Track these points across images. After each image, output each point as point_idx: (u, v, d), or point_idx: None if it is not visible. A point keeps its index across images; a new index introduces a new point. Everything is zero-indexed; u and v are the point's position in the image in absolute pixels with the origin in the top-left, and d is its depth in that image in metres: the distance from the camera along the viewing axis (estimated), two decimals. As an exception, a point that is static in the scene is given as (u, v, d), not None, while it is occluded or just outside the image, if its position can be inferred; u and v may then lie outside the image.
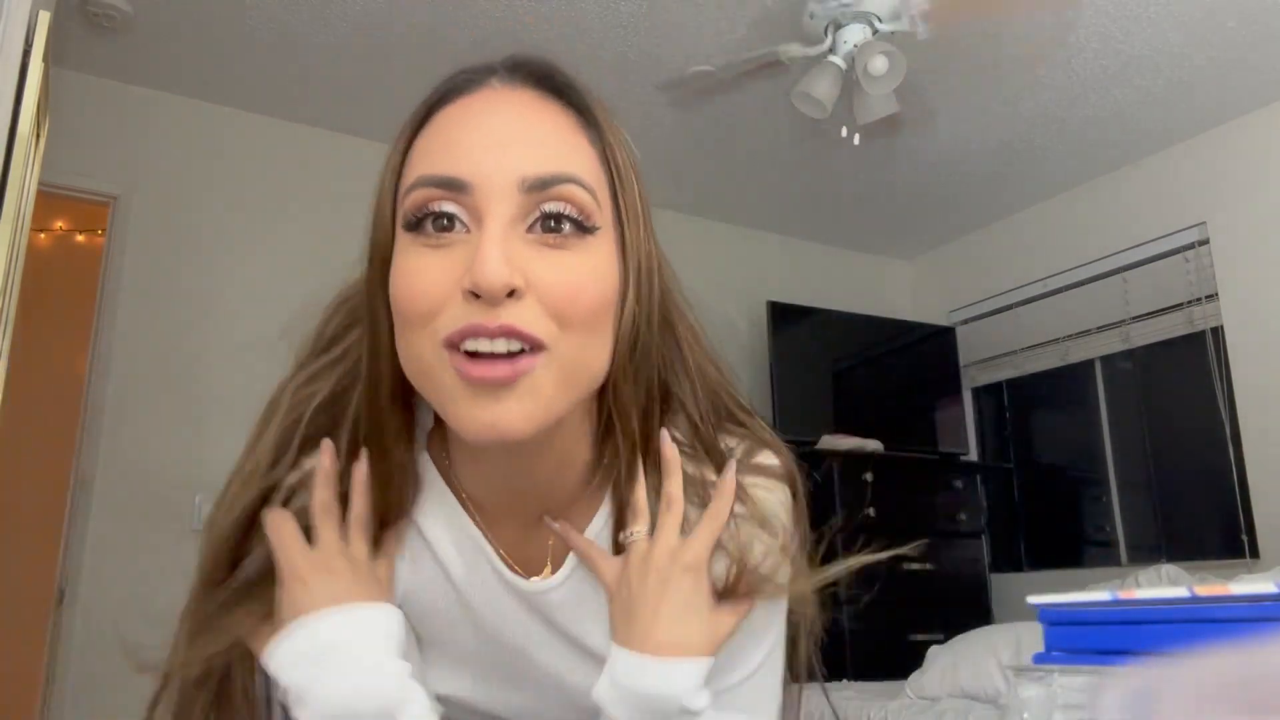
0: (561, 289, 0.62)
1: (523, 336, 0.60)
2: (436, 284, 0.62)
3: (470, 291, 0.60)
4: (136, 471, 3.23)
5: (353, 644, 0.67)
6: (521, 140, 0.64)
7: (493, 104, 0.66)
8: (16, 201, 1.83)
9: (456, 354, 0.60)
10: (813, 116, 2.98)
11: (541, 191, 0.62)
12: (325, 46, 3.25)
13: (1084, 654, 0.84)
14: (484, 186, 0.62)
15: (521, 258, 0.61)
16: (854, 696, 2.59)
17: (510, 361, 0.60)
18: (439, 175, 0.63)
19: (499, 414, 0.60)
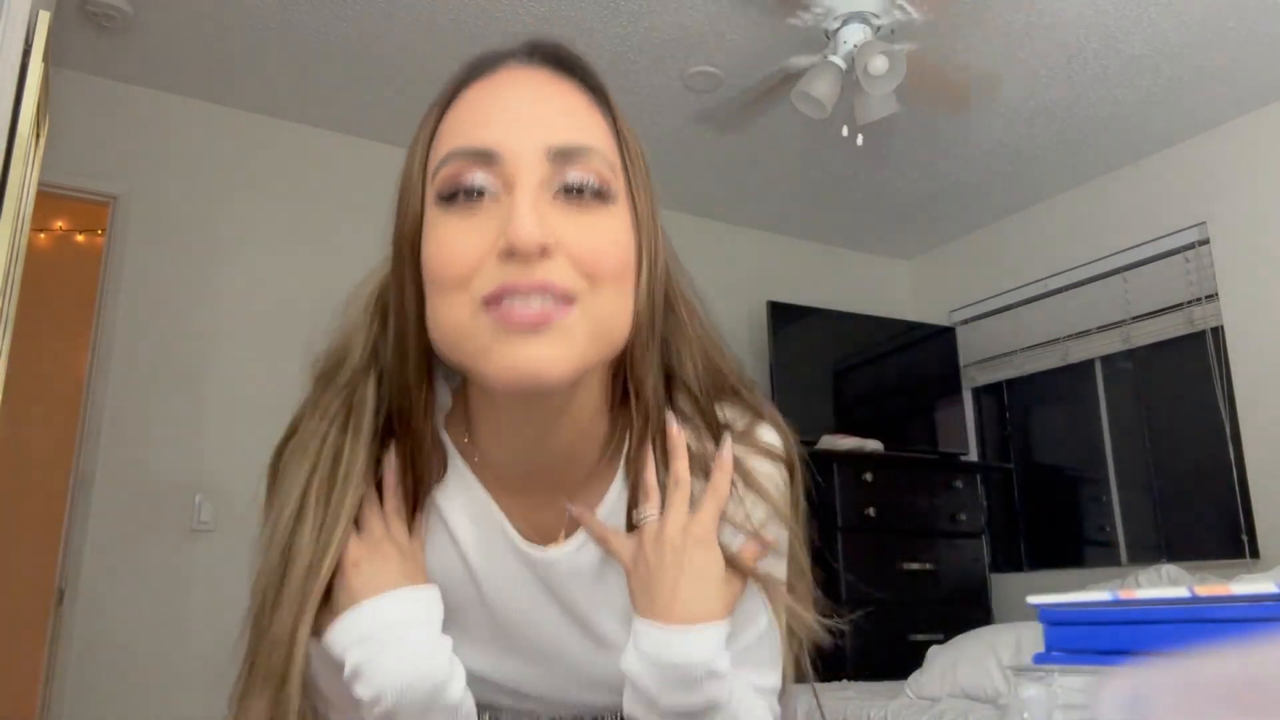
0: (589, 247, 0.65)
1: (556, 290, 0.63)
2: (473, 247, 0.64)
3: (506, 252, 0.63)
4: (136, 471, 3.23)
5: (406, 624, 0.71)
6: (544, 114, 0.68)
7: (515, 81, 0.70)
8: (16, 201, 1.83)
9: (496, 309, 0.63)
10: (813, 116, 2.98)
11: (565, 161, 0.66)
12: (326, 47, 3.25)
13: (1084, 654, 0.84)
14: (513, 156, 0.65)
15: (550, 220, 0.64)
16: (854, 696, 2.59)
17: (543, 312, 0.63)
18: (471, 147, 0.66)
19: (535, 357, 0.63)
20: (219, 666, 3.03)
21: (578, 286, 0.65)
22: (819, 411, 4.30)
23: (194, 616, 3.22)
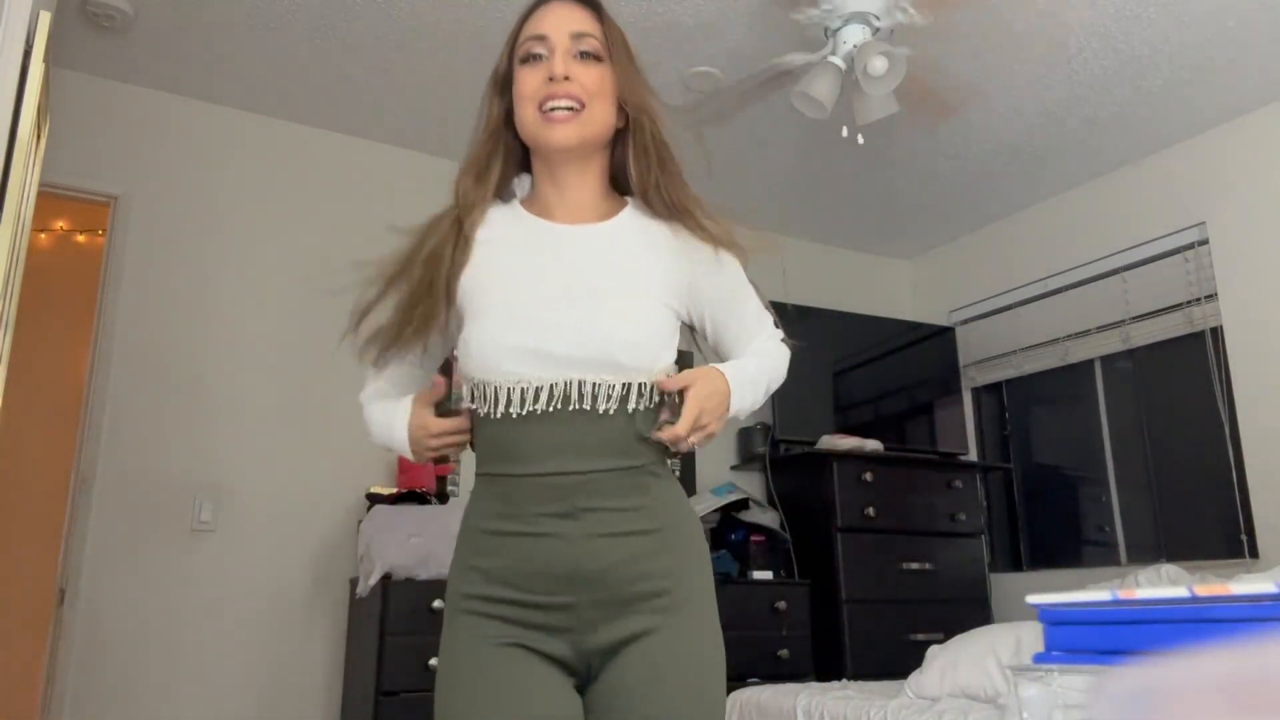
0: (588, 78, 1.31)
1: (573, 96, 1.29)
2: (537, 79, 1.30)
3: (550, 78, 1.29)
4: (137, 471, 3.23)
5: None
6: (568, 19, 1.33)
7: (558, 6, 1.34)
8: (17, 202, 1.83)
9: (543, 113, 1.29)
10: (813, 117, 2.98)
11: (577, 41, 1.32)
12: (326, 47, 3.25)
13: (1084, 654, 0.84)
14: (553, 36, 1.31)
15: (570, 66, 1.30)
16: (854, 696, 2.59)
17: (568, 113, 1.29)
18: (538, 34, 1.32)
19: (562, 132, 1.29)
20: (219, 666, 3.07)
21: (584, 96, 1.29)
22: (819, 411, 4.31)
23: (194, 616, 3.22)
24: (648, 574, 1.19)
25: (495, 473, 1.23)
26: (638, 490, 1.21)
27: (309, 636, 3.37)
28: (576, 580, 1.17)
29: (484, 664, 1.17)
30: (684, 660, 1.18)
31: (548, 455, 1.19)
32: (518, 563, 1.19)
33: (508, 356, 1.21)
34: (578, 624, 1.18)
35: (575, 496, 1.18)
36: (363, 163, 3.85)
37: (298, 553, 3.41)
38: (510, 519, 1.20)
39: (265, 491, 3.39)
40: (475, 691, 1.17)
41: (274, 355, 3.52)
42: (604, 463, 1.19)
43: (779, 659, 3.57)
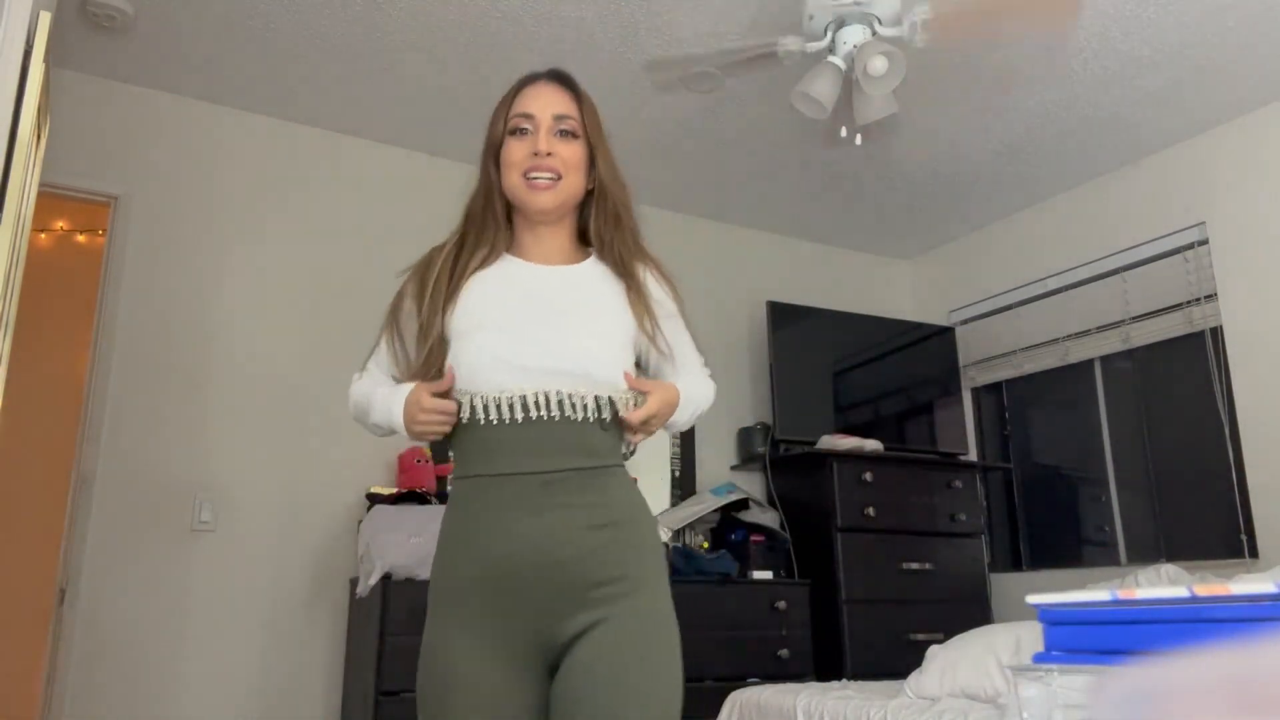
0: (567, 153, 1.53)
1: (553, 169, 1.51)
2: (524, 151, 1.52)
3: (534, 153, 1.51)
4: (137, 471, 3.23)
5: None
6: (552, 101, 1.55)
7: (543, 87, 1.57)
8: (17, 202, 1.83)
9: (527, 180, 1.51)
10: (812, 117, 2.98)
11: (559, 120, 1.54)
12: (325, 46, 3.25)
13: (1083, 653, 0.85)
14: (539, 116, 1.53)
15: (552, 143, 1.52)
16: (853, 696, 2.59)
17: (548, 182, 1.51)
18: (526, 112, 1.54)
19: (541, 199, 1.51)
20: (219, 665, 3.08)
21: (561, 169, 1.51)
22: (819, 411, 4.31)
23: (194, 615, 3.22)
24: (605, 563, 1.36)
25: (476, 474, 1.41)
26: (597, 488, 1.40)
27: (309, 636, 3.37)
28: (544, 568, 1.34)
29: (463, 650, 1.36)
30: (638, 644, 1.34)
31: (523, 456, 1.39)
32: (494, 554, 1.36)
33: (491, 369, 1.42)
34: (547, 612, 1.34)
35: (546, 493, 1.37)
36: (363, 163, 3.85)
37: (298, 553, 3.41)
38: (488, 514, 1.38)
39: (265, 491, 3.39)
40: (453, 676, 1.35)
41: (274, 355, 3.52)
42: (571, 462, 1.39)
43: (779, 659, 3.57)
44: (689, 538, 3.96)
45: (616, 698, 1.30)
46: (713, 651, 3.45)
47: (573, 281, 1.53)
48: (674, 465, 4.21)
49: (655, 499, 3.96)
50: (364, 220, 3.79)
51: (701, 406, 1.64)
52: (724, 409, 4.42)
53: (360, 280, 3.63)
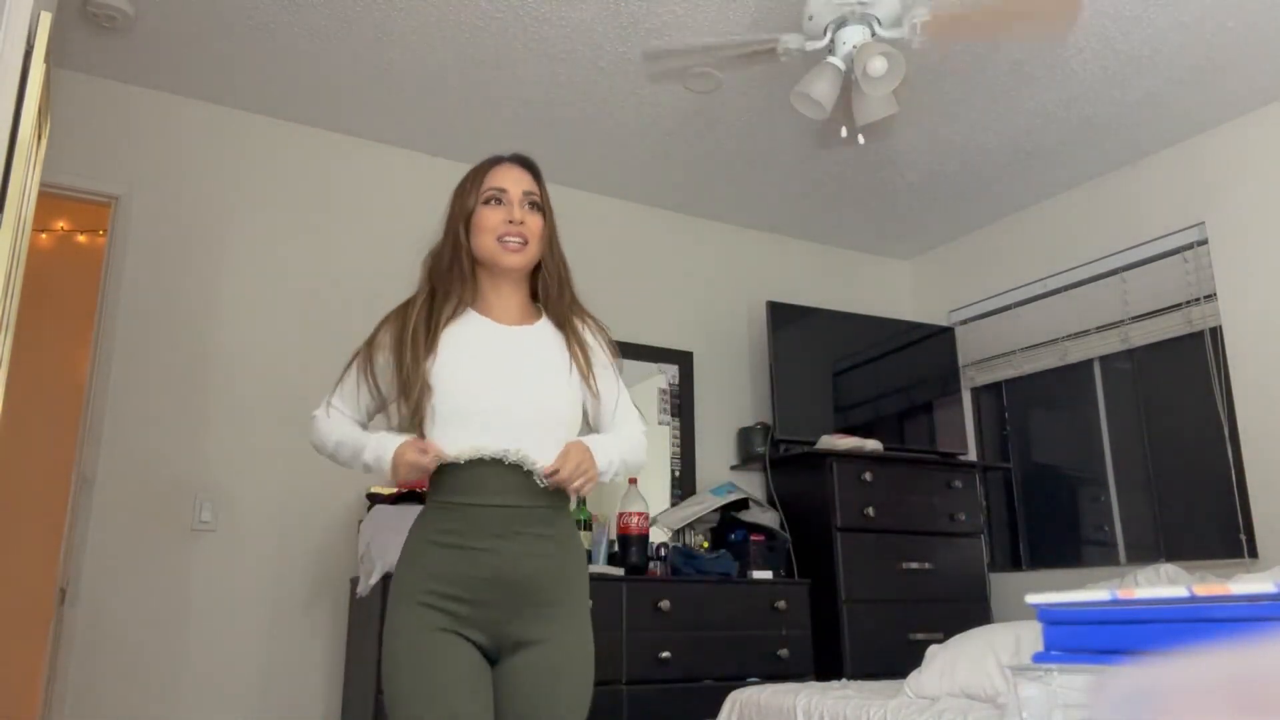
0: (533, 223, 1.81)
1: (523, 235, 1.79)
2: (498, 216, 1.79)
3: (509, 220, 1.78)
4: (138, 471, 3.23)
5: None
6: (519, 179, 1.84)
7: (511, 167, 1.86)
8: (18, 202, 1.83)
9: (501, 243, 1.78)
10: (812, 117, 2.99)
11: (528, 195, 1.83)
12: (325, 47, 3.25)
13: (1083, 653, 0.85)
14: (511, 191, 1.82)
15: (523, 214, 1.80)
16: (853, 695, 2.60)
17: (521, 245, 1.79)
18: (500, 186, 1.82)
19: (514, 259, 1.78)
20: (219, 665, 3.08)
21: (530, 236, 1.79)
22: (818, 411, 4.31)
23: (195, 615, 3.22)
24: (544, 587, 1.66)
25: (451, 501, 1.68)
26: (547, 522, 1.70)
27: (309, 636, 3.38)
28: (500, 584, 1.63)
29: (428, 644, 1.60)
30: (571, 663, 1.67)
31: (493, 492, 1.66)
32: (463, 568, 1.63)
33: (464, 422, 1.69)
34: (499, 618, 1.63)
35: (509, 523, 1.66)
36: (363, 163, 3.85)
37: (298, 553, 3.41)
38: (460, 535, 1.65)
39: (265, 491, 3.40)
40: (420, 664, 1.59)
41: (274, 355, 3.52)
42: (529, 500, 1.68)
43: (778, 658, 3.57)
44: (689, 538, 3.96)
45: (543, 703, 1.63)
46: (713, 651, 3.45)
47: (530, 344, 1.79)
48: (674, 465, 4.21)
49: (655, 499, 3.96)
50: (364, 220, 3.79)
51: (627, 455, 1.83)
52: (724, 409, 4.42)
53: (360, 280, 3.63)
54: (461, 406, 1.69)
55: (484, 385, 1.71)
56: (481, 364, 1.73)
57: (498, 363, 1.74)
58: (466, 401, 1.69)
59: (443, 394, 1.69)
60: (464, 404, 1.69)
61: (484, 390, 1.70)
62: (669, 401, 4.27)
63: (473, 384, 1.71)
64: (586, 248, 4.40)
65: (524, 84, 3.47)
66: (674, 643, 3.37)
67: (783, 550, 3.91)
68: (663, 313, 4.38)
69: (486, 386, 1.71)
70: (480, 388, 1.71)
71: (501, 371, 1.73)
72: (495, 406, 1.69)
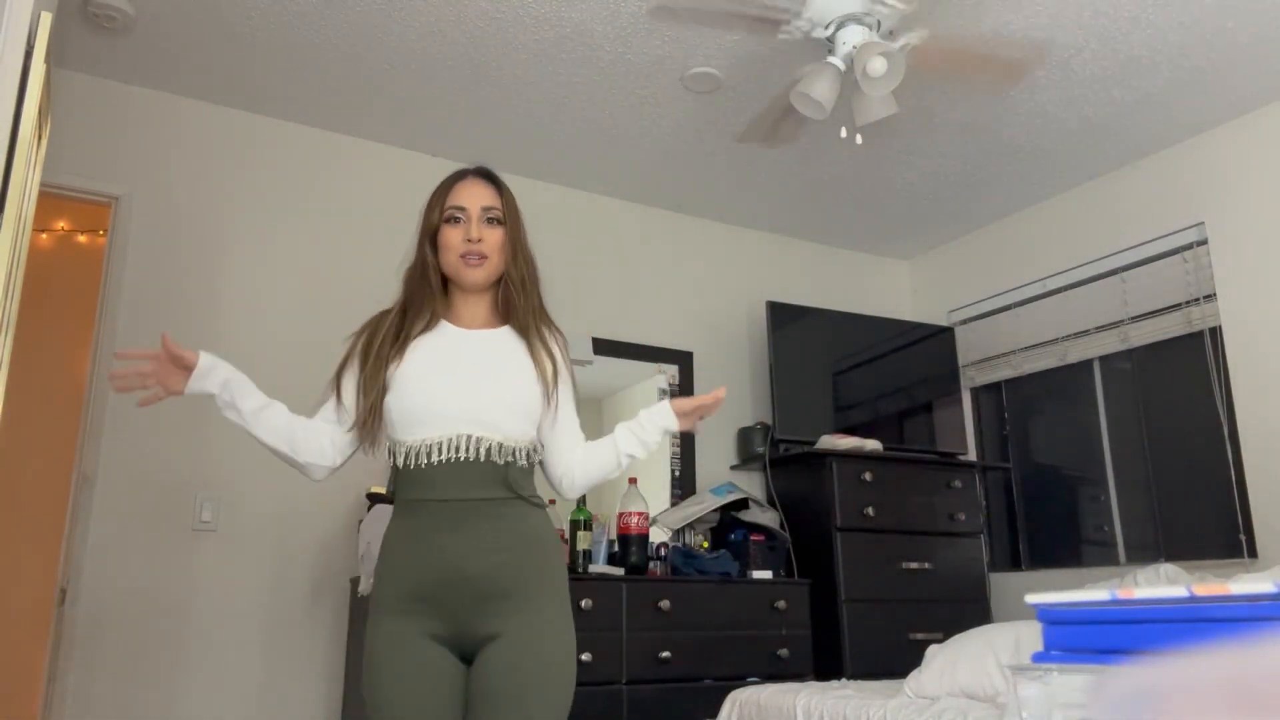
0: (493, 239, 1.84)
1: (482, 252, 1.83)
2: (458, 235, 1.83)
3: (467, 239, 1.82)
4: (138, 471, 3.23)
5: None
6: (480, 195, 1.87)
7: (472, 183, 1.89)
8: (18, 202, 1.83)
9: (463, 260, 1.82)
10: (812, 117, 2.99)
11: (487, 211, 1.85)
12: (325, 47, 3.25)
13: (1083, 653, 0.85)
14: (470, 208, 1.85)
15: (481, 230, 1.83)
16: (853, 695, 2.60)
17: (480, 260, 1.83)
18: (459, 205, 1.86)
19: (475, 275, 1.83)
20: (220, 665, 3.07)
21: (490, 251, 1.83)
22: (818, 411, 4.31)
23: (195, 615, 3.22)
24: (501, 580, 1.66)
25: (409, 498, 1.72)
26: (504, 516, 1.70)
27: (309, 636, 3.38)
28: (456, 581, 1.65)
29: (403, 648, 1.64)
30: (531, 658, 1.64)
31: (445, 486, 1.69)
32: (420, 567, 1.66)
33: (422, 414, 1.73)
34: (461, 616, 1.65)
35: (460, 517, 1.68)
36: (363, 163, 3.86)
37: (298, 553, 3.41)
38: (417, 532, 1.69)
39: (266, 491, 3.40)
40: (397, 667, 1.64)
41: (274, 355, 3.52)
42: (482, 494, 1.69)
43: (778, 658, 3.57)
44: (689, 537, 3.96)
45: (509, 699, 1.62)
46: (713, 651, 3.45)
47: (489, 346, 1.82)
48: (674, 465, 4.21)
49: (655, 499, 3.96)
50: (364, 220, 3.79)
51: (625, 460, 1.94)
52: (724, 409, 4.42)
53: (360, 280, 3.63)
54: (417, 405, 1.72)
55: (438, 384, 1.74)
56: (438, 365, 1.77)
57: (453, 363, 1.78)
58: (422, 400, 1.73)
59: (397, 394, 1.74)
60: (419, 402, 1.73)
61: (437, 388, 1.74)
62: (669, 401, 4.27)
63: (427, 383, 1.74)
64: (586, 248, 4.42)
65: (524, 84, 3.47)
66: (674, 643, 3.37)
67: (783, 550, 3.91)
68: (663, 313, 4.38)
69: (440, 385, 1.74)
70: (434, 386, 1.74)
71: (456, 372, 1.76)
72: (447, 402, 1.72)
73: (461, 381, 1.76)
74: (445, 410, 1.72)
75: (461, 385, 1.75)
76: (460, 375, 1.76)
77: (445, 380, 1.75)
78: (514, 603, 1.66)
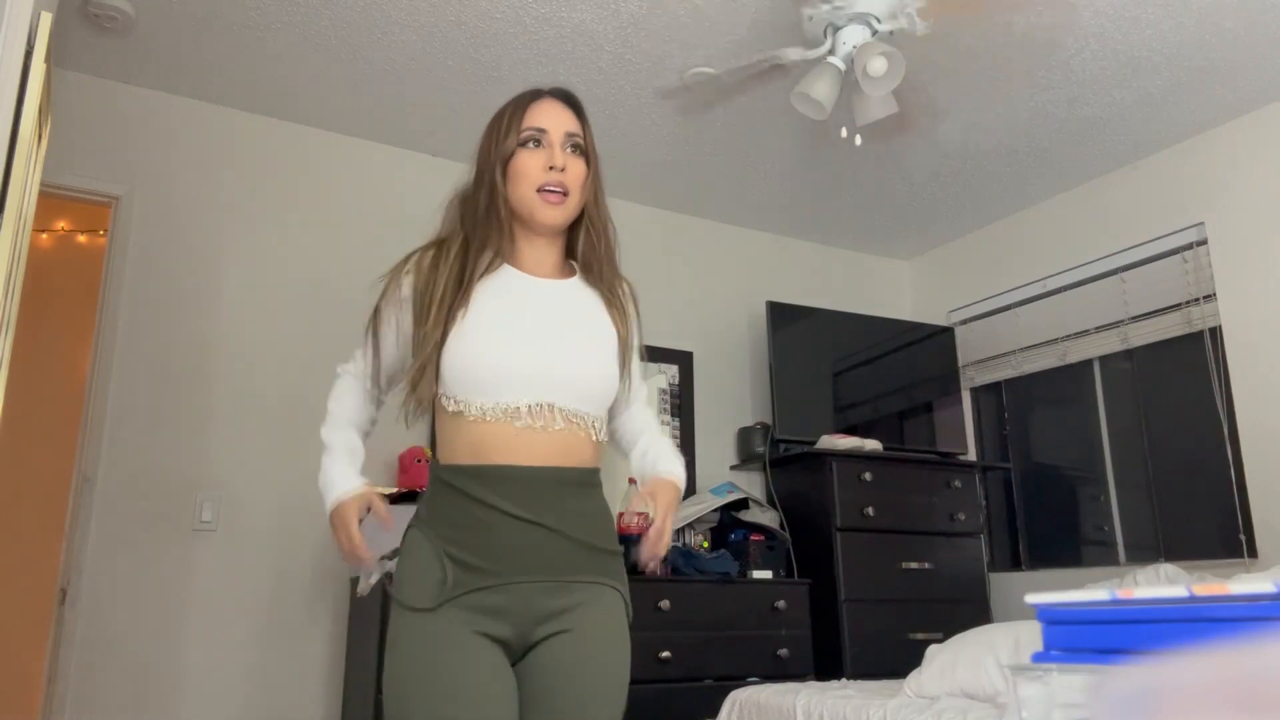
0: (576, 171, 1.57)
1: (564, 184, 1.54)
2: (537, 164, 1.55)
3: (550, 167, 1.54)
4: (138, 471, 3.23)
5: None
6: (561, 119, 1.60)
7: (553, 103, 1.62)
8: (18, 202, 1.83)
9: (541, 195, 1.54)
10: (812, 117, 2.99)
11: (570, 137, 1.59)
12: (325, 47, 3.25)
13: (1083, 653, 0.85)
14: (552, 132, 1.58)
15: (565, 159, 1.56)
16: (853, 695, 2.60)
17: (560, 196, 1.54)
18: (539, 126, 1.58)
19: (553, 214, 1.55)
20: (220, 665, 3.08)
21: (571, 186, 1.56)
22: (818, 411, 4.31)
23: (195, 615, 3.23)
24: (578, 567, 1.52)
25: (464, 464, 1.48)
26: (582, 497, 1.55)
27: (309, 636, 3.38)
28: (525, 568, 1.46)
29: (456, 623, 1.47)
30: (596, 658, 1.51)
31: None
32: (477, 545, 1.49)
33: (491, 376, 1.47)
34: (525, 605, 1.47)
35: (533, 494, 1.47)
36: (363, 163, 3.86)
37: (298, 552, 3.42)
38: (478, 508, 1.48)
39: (266, 491, 3.40)
40: (455, 676, 1.47)
41: (275, 355, 3.52)
42: (559, 469, 1.49)
43: (778, 658, 3.57)
44: (689, 537, 3.96)
45: (575, 704, 1.45)
46: (713, 651, 3.45)
47: (568, 298, 1.58)
48: (674, 465, 4.21)
49: (655, 499, 3.96)
50: (364, 220, 3.79)
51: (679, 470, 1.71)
52: (724, 409, 4.42)
53: (360, 280, 3.62)
54: (487, 364, 1.46)
55: (511, 340, 1.48)
56: (508, 318, 1.50)
57: (525, 317, 1.51)
58: (492, 359, 1.46)
59: (461, 350, 1.46)
60: (488, 361, 1.46)
61: (510, 345, 1.47)
62: (669, 401, 4.27)
63: (498, 337, 1.47)
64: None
65: (524, 85, 3.45)
66: (674, 643, 3.37)
67: (782, 550, 3.91)
68: (663, 313, 4.38)
69: (513, 342, 1.48)
70: (506, 343, 1.47)
71: (530, 327, 1.50)
72: (521, 363, 1.47)
73: (537, 339, 1.49)
74: (519, 372, 1.46)
75: (537, 344, 1.49)
76: (535, 332, 1.50)
77: (518, 336, 1.48)
78: (585, 593, 1.49)
